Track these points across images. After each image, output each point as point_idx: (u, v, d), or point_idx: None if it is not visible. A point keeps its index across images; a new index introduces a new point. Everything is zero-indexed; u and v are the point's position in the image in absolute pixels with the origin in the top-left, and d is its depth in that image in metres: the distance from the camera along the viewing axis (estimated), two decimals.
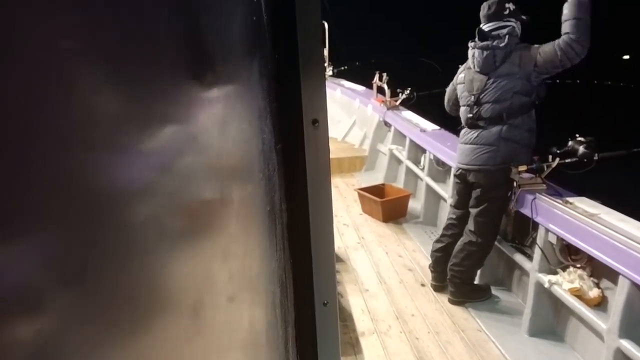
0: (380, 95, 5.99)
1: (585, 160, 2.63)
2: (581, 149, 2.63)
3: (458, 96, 2.98)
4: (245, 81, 0.53)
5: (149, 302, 0.29)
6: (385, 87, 5.68)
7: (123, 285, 0.26)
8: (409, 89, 5.27)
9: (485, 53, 2.74)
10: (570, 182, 2.80)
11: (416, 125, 4.72)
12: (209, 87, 0.40)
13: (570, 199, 2.60)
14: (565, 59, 2.53)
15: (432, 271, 3.18)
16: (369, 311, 2.92)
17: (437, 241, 3.17)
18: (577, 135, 2.70)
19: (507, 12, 2.73)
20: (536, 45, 2.67)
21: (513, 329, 2.72)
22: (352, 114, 6.76)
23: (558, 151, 2.73)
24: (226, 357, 0.41)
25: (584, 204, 2.53)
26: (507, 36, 2.71)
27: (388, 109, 5.47)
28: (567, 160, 2.71)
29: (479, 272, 3.09)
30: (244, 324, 0.48)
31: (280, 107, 0.73)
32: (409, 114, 5.18)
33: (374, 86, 6.10)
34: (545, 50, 2.61)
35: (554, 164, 2.76)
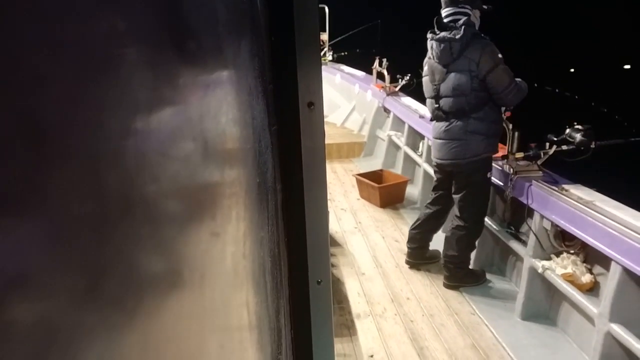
0: (379, 81, 5.96)
1: (582, 148, 2.65)
2: (578, 136, 2.64)
3: (424, 89, 3.00)
4: (232, 59, 0.54)
5: (139, 280, 0.30)
6: (385, 72, 5.65)
7: (118, 262, 0.28)
8: (409, 75, 5.24)
9: (442, 45, 2.74)
10: (566, 169, 2.82)
11: (415, 111, 4.71)
12: (191, 63, 0.41)
13: (565, 186, 2.62)
14: (504, 99, 2.71)
15: (407, 248, 3.24)
16: (365, 294, 2.97)
17: (416, 220, 3.22)
18: (575, 123, 2.71)
19: None
20: (500, 56, 2.67)
21: (506, 313, 2.77)
22: (352, 100, 6.74)
23: (555, 138, 2.75)
24: (207, 319, 0.43)
25: (579, 191, 2.56)
26: (462, 27, 2.69)
27: (387, 94, 5.46)
28: (564, 148, 2.73)
29: (473, 257, 3.12)
30: (231, 282, 0.50)
31: (276, 89, 0.75)
32: (408, 100, 5.17)
33: (374, 72, 6.07)
34: (498, 77, 2.66)
35: (551, 152, 2.77)
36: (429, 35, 2.84)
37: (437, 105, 2.85)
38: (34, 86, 0.21)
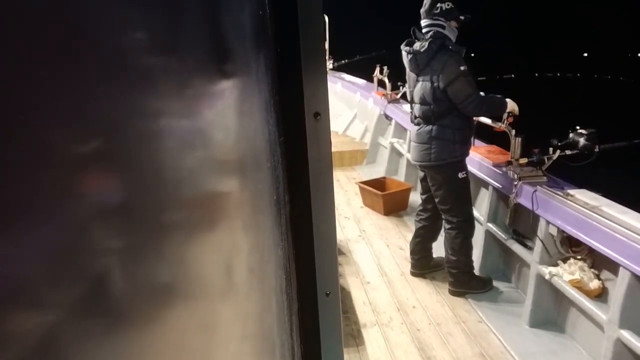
0: (381, 89, 5.98)
1: (586, 152, 2.64)
2: (582, 140, 2.64)
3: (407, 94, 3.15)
4: (255, 74, 0.54)
5: (165, 289, 0.30)
6: (386, 80, 5.67)
7: (141, 274, 0.27)
8: None
9: (409, 56, 2.87)
10: (571, 174, 2.81)
11: None
12: (227, 80, 0.41)
13: (570, 191, 2.61)
14: (466, 110, 2.78)
15: (411, 259, 3.27)
16: (371, 303, 2.94)
17: (415, 231, 3.26)
18: (578, 127, 2.70)
19: (437, 10, 2.80)
20: (462, 68, 2.73)
21: (514, 320, 2.74)
22: (353, 108, 6.76)
23: (559, 143, 2.74)
24: (234, 339, 0.42)
25: (584, 196, 2.54)
26: (428, 41, 2.79)
27: (389, 102, 5.47)
28: (567, 152, 2.72)
29: (478, 263, 3.11)
30: (254, 308, 0.49)
31: (283, 100, 0.74)
32: (409, 107, 5.18)
33: (375, 79, 6.09)
34: (458, 89, 2.74)
35: (555, 156, 2.76)
36: (402, 46, 2.97)
37: (411, 111, 3.03)
38: (44, 90, 0.20)
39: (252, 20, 0.53)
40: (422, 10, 2.87)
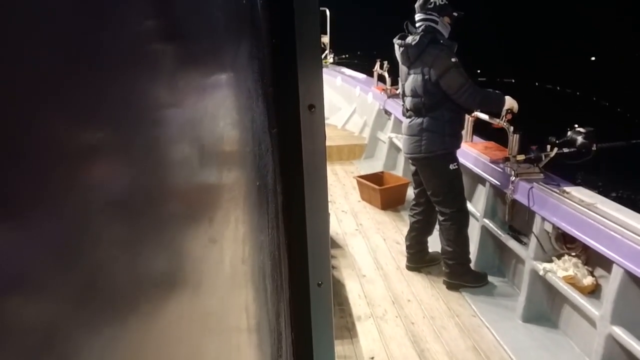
0: (380, 84, 5.98)
1: (584, 150, 2.65)
2: (580, 139, 2.65)
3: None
4: (231, 61, 0.54)
5: (136, 285, 0.30)
6: (386, 75, 5.66)
7: (117, 264, 0.27)
8: None
9: (401, 49, 2.90)
10: (567, 171, 2.83)
11: None
12: (188, 66, 0.40)
13: (567, 189, 2.62)
14: (460, 101, 2.78)
15: (407, 253, 3.29)
16: (366, 296, 2.96)
17: (410, 225, 3.28)
18: (576, 125, 2.71)
19: (431, 5, 2.83)
20: (453, 60, 2.74)
21: (507, 315, 2.76)
22: (353, 102, 6.75)
23: (557, 141, 2.75)
24: (205, 323, 0.43)
25: (580, 193, 2.55)
26: (419, 35, 2.81)
27: (388, 97, 5.47)
28: (565, 150, 2.72)
29: (474, 258, 3.12)
30: (229, 287, 0.50)
31: (277, 92, 0.75)
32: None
33: (375, 74, 6.08)
34: (450, 80, 2.75)
35: (552, 154, 2.77)
36: (394, 39, 2.98)
37: (402, 103, 3.07)
38: (30, 86, 0.20)
39: (228, 6, 0.53)
40: (416, 5, 2.88)
